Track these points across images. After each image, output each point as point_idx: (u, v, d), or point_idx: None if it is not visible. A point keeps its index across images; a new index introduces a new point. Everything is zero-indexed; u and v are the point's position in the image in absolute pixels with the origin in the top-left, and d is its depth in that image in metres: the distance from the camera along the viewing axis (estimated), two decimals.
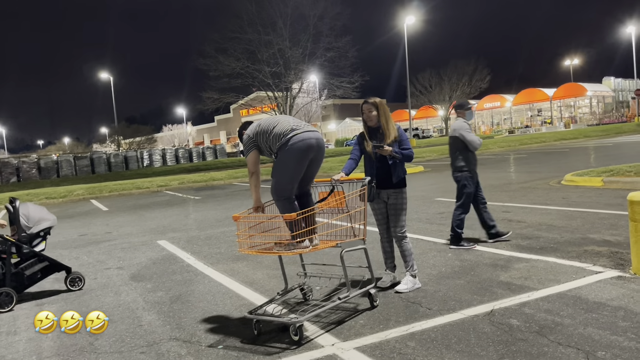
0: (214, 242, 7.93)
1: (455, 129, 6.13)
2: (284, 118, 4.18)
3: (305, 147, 3.97)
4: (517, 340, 3.36)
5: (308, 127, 4.09)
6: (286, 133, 3.99)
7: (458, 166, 6.13)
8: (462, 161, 6.10)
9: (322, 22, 34.12)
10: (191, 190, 20.01)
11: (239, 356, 3.52)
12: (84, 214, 14.17)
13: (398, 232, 4.68)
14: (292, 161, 3.99)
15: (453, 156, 6.20)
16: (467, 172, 6.10)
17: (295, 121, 4.12)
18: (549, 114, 62.44)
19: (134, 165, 42.95)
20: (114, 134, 63.09)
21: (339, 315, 4.13)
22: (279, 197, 4.04)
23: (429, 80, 63.10)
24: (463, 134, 6.05)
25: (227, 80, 33.62)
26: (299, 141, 3.95)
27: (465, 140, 6.04)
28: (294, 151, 3.96)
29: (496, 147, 29.23)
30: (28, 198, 19.75)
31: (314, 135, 4.04)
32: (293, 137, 3.96)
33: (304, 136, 3.97)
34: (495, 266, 5.18)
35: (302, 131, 3.99)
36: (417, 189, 12.51)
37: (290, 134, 3.98)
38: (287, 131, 3.99)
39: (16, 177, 37.10)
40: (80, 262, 7.28)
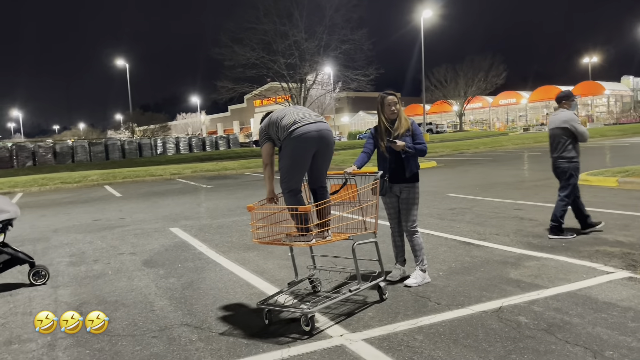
0: (226, 231, 8.01)
1: (566, 120, 6.18)
2: (293, 110, 4.13)
3: (304, 140, 3.92)
4: (525, 338, 3.38)
5: (312, 119, 3.98)
6: (288, 126, 3.95)
7: (568, 157, 6.17)
8: (573, 152, 6.16)
9: (338, 14, 34.02)
10: (204, 179, 20.15)
11: (249, 344, 3.57)
12: (98, 200, 14.34)
13: (409, 226, 4.70)
14: (292, 154, 3.98)
15: (560, 147, 6.23)
16: (577, 163, 6.17)
17: (302, 113, 4.05)
18: None
19: (148, 152, 43.24)
20: (128, 121, 63.49)
21: (347, 307, 4.17)
22: (283, 190, 4.07)
23: (444, 75, 62.69)
24: (575, 125, 6.11)
25: (241, 70, 33.73)
26: (299, 135, 3.91)
27: (577, 131, 6.10)
28: (294, 144, 3.94)
29: (510, 145, 29.03)
30: (44, 182, 20.04)
31: (315, 127, 3.94)
32: (294, 130, 3.93)
33: (304, 129, 3.91)
34: (505, 263, 5.19)
35: (303, 124, 3.93)
36: (429, 184, 12.49)
37: (292, 127, 3.94)
38: (290, 124, 3.96)
39: (32, 161, 37.54)
40: (94, 246, 7.40)
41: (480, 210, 8.45)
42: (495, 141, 31.85)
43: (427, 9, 40.55)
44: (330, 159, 4.23)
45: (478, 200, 9.59)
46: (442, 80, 62.98)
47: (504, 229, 6.85)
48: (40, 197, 16.34)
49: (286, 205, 4.04)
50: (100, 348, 3.65)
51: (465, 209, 8.66)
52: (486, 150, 26.89)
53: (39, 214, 11.79)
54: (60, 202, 14.47)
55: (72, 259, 6.66)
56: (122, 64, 53.77)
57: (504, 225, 7.06)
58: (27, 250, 7.31)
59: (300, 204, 4.00)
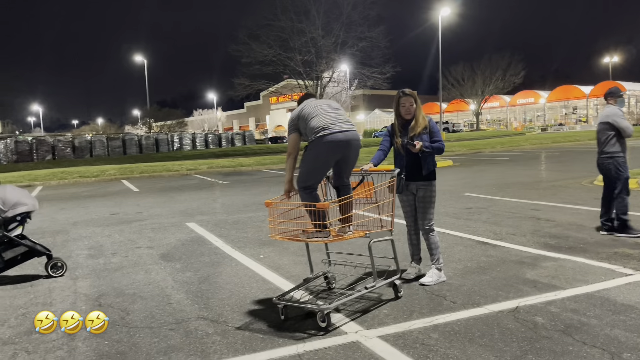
0: (241, 226, 8.06)
1: (608, 115, 6.20)
2: (324, 109, 4.11)
3: (331, 148, 3.97)
4: (542, 338, 3.36)
5: (342, 127, 4.00)
6: (318, 130, 3.98)
7: (610, 151, 6.20)
8: (618, 147, 6.18)
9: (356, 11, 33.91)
10: (219, 174, 20.27)
11: (264, 338, 3.60)
12: (116, 194, 14.52)
13: (426, 225, 4.69)
14: (316, 159, 4.04)
15: (603, 142, 6.26)
16: (622, 158, 6.18)
17: (332, 117, 4.04)
18: (585, 112, 60.89)
19: (165, 148, 43.60)
20: (145, 117, 64.03)
21: (363, 304, 4.18)
22: (299, 186, 4.11)
23: (461, 74, 62.19)
24: (617, 120, 6.12)
25: (258, 67, 33.80)
26: (327, 142, 3.95)
27: (619, 126, 6.11)
28: (319, 150, 3.99)
29: (528, 144, 28.74)
30: (63, 175, 20.33)
31: (344, 137, 3.97)
32: (323, 136, 3.96)
33: (333, 138, 3.95)
34: (522, 263, 5.15)
35: (333, 131, 3.95)
36: (445, 183, 12.43)
37: (321, 132, 3.97)
38: (319, 128, 3.98)
39: (51, 155, 38.09)
40: (112, 240, 7.50)
41: (496, 210, 8.40)
42: (512, 141, 31.55)
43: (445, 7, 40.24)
44: (355, 162, 4.27)
45: (494, 200, 9.52)
46: (459, 79, 62.48)
47: (520, 229, 6.80)
48: (59, 191, 16.59)
49: (301, 201, 4.07)
50: (118, 339, 3.71)
51: (482, 208, 8.61)
52: (503, 150, 26.66)
53: (58, 207, 11.97)
54: (78, 195, 14.68)
55: (91, 251, 6.76)
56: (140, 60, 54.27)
57: (520, 226, 7.01)
58: (47, 242, 7.45)
59: (315, 201, 4.02)
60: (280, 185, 14.55)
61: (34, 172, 23.22)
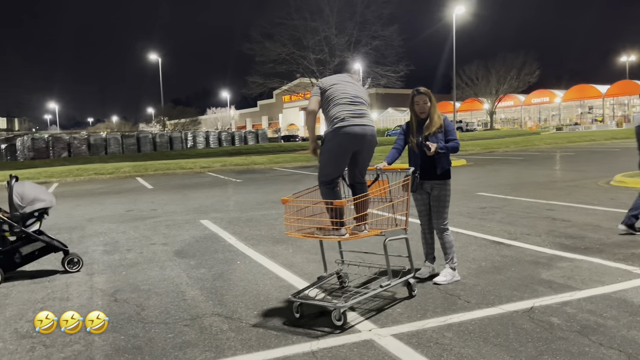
0: (255, 224, 8.10)
1: None
2: (346, 98, 4.09)
3: (347, 140, 3.99)
4: (557, 339, 3.33)
5: (360, 122, 4.01)
6: (336, 120, 4.00)
7: None
8: None
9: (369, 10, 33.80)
10: (233, 172, 20.37)
11: (278, 335, 3.62)
12: (130, 191, 14.65)
13: (440, 224, 4.67)
14: (333, 150, 4.05)
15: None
16: None
17: (352, 110, 4.05)
18: (601, 111, 60.14)
19: (178, 146, 43.90)
20: (159, 115, 64.52)
21: (376, 303, 4.18)
22: (319, 182, 4.13)
23: (475, 73, 61.66)
24: None
25: (272, 66, 33.85)
26: (344, 133, 3.97)
27: None
28: (336, 141, 4.01)
29: (542, 144, 28.48)
30: (78, 172, 20.57)
31: (361, 130, 3.99)
32: (340, 127, 3.98)
33: (349, 130, 3.97)
34: (537, 264, 5.11)
35: (350, 124, 3.97)
36: (459, 182, 12.36)
37: (339, 123, 3.99)
38: (338, 119, 4.00)
39: (67, 153, 38.58)
40: (127, 236, 7.58)
41: (511, 209, 8.34)
42: (526, 140, 31.28)
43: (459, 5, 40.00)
44: (371, 158, 4.26)
45: (509, 199, 9.45)
46: (473, 78, 61.96)
47: (535, 229, 6.75)
48: (75, 187, 16.78)
49: (322, 198, 4.07)
50: (134, 334, 3.75)
51: (496, 208, 8.55)
52: (517, 150, 26.44)
53: (74, 203, 12.12)
54: (94, 192, 14.84)
55: (107, 247, 6.84)
56: (154, 59, 54.65)
57: (535, 225, 6.95)
58: (63, 238, 7.54)
59: (335, 197, 4.03)
60: (293, 183, 14.61)
61: (50, 169, 23.52)
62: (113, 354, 3.43)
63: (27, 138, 40.68)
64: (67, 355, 3.45)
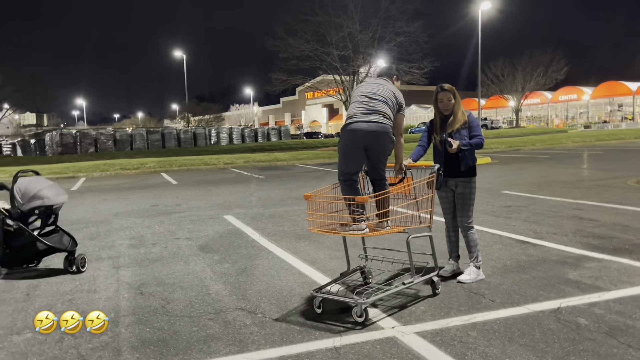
0: (278, 220, 8.13)
1: None
2: (361, 97, 4.16)
3: (352, 137, 4.05)
4: (585, 340, 3.27)
5: (367, 117, 4.03)
6: (346, 119, 4.15)
7: None
8: None
9: (394, 6, 33.52)
10: (255, 169, 20.49)
11: (301, 331, 3.64)
12: (155, 186, 14.86)
13: (465, 222, 4.63)
14: (341, 147, 4.15)
15: None
16: None
17: (362, 106, 4.09)
18: (631, 109, 58.67)
19: (202, 142, 44.31)
20: (184, 111, 65.21)
21: (399, 300, 4.16)
22: (339, 179, 4.17)
23: (501, 69, 60.68)
24: None
25: (295, 62, 33.84)
26: (349, 130, 4.06)
27: None
28: (343, 138, 4.14)
29: (570, 142, 27.94)
30: (104, 168, 20.93)
31: (366, 126, 3.99)
32: (347, 125, 4.09)
33: (354, 127, 4.03)
34: (563, 263, 5.03)
35: (357, 120, 4.04)
36: (484, 180, 12.21)
37: (348, 121, 4.11)
38: (348, 117, 4.13)
39: (94, 148, 39.28)
40: (152, 230, 7.69)
41: (536, 208, 8.21)
42: (553, 138, 30.72)
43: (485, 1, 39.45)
44: (383, 154, 4.19)
45: (534, 198, 9.30)
46: (498, 75, 60.99)
47: (562, 228, 6.63)
48: (101, 182, 17.09)
49: (342, 194, 4.08)
50: (160, 327, 3.81)
51: (521, 207, 8.43)
52: (543, 148, 25.99)
53: (100, 198, 12.34)
54: (120, 187, 15.09)
55: (132, 241, 6.95)
56: (179, 55, 55.21)
57: (562, 225, 6.83)
58: (90, 232, 7.71)
59: (355, 193, 4.03)
60: (316, 180, 14.64)
61: (77, 164, 23.98)
62: (139, 346, 3.49)
63: (55, 133, 41.57)
64: (95, 346, 3.52)
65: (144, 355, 3.34)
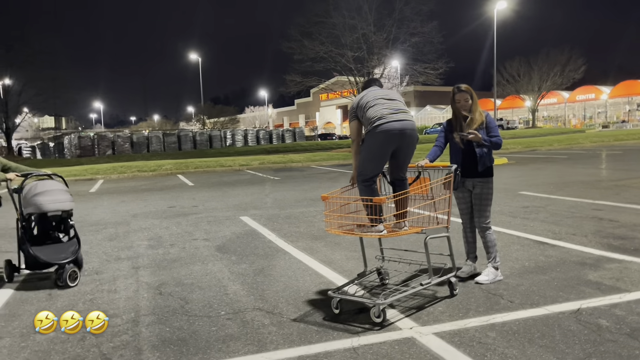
0: (294, 221, 8.16)
1: None
2: (381, 100, 4.11)
3: (386, 138, 3.96)
4: (606, 341, 3.24)
5: (397, 117, 4.00)
6: (374, 120, 4.00)
7: None
8: None
9: (408, 7, 33.42)
10: (270, 170, 20.56)
11: (319, 331, 3.65)
12: (172, 188, 14.99)
13: (482, 222, 4.60)
14: (372, 148, 4.03)
15: None
16: None
17: (389, 106, 4.05)
18: None
19: (218, 144, 44.60)
20: (199, 114, 65.72)
21: (417, 301, 4.15)
22: (358, 180, 4.12)
23: (517, 69, 60.11)
24: None
25: (310, 64, 33.88)
26: (382, 131, 3.95)
27: None
28: (374, 139, 3.99)
29: (587, 142, 27.58)
30: (122, 170, 21.17)
31: (399, 125, 3.96)
32: (379, 125, 3.97)
33: (387, 127, 3.95)
34: (583, 264, 4.97)
35: (388, 120, 3.96)
36: (500, 181, 12.11)
37: (376, 122, 3.98)
38: (375, 118, 4.00)
39: (111, 150, 39.78)
40: (170, 231, 7.76)
41: (555, 209, 8.12)
42: (570, 138, 30.36)
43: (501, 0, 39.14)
44: (412, 154, 4.22)
45: (552, 198, 9.21)
46: (514, 75, 60.43)
47: (581, 229, 6.56)
48: (119, 184, 17.29)
49: (360, 195, 4.08)
50: (179, 326, 3.85)
51: (539, 207, 8.35)
52: (561, 148, 25.69)
53: (119, 199, 12.49)
54: (137, 189, 15.25)
55: (151, 242, 7.03)
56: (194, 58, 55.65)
57: (581, 225, 6.75)
58: (109, 233, 7.81)
59: (373, 194, 4.03)
60: (331, 181, 14.64)
61: (95, 166, 24.30)
62: (159, 345, 3.53)
63: (74, 136, 42.17)
64: (116, 345, 3.58)
65: (164, 355, 3.38)
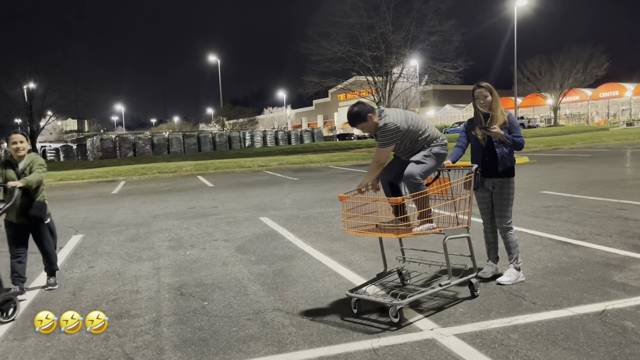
0: (313, 222, 8.16)
1: None
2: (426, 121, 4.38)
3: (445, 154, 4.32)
4: (632, 343, 3.17)
5: None
6: (442, 138, 4.29)
7: None
8: None
9: (427, 5, 33.23)
10: (289, 171, 20.61)
11: (339, 332, 3.64)
12: (192, 189, 15.13)
13: (503, 223, 4.55)
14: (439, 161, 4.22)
15: None
16: None
17: None
18: None
19: (237, 145, 44.88)
20: (219, 115, 66.22)
21: (437, 302, 4.12)
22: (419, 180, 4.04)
23: (538, 67, 59.25)
24: None
25: (328, 65, 33.89)
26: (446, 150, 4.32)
27: None
28: (442, 153, 4.26)
29: (611, 140, 27.05)
30: (143, 171, 21.43)
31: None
32: (445, 145, 4.28)
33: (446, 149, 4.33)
34: (608, 265, 4.88)
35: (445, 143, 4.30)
36: (522, 180, 11.96)
37: (443, 142, 4.27)
38: (439, 136, 4.28)
39: (132, 152, 40.32)
40: (191, 232, 7.83)
41: (578, 208, 7.99)
42: (594, 137, 29.83)
43: None
44: None
45: (575, 198, 9.06)
46: (535, 72, 59.56)
47: (605, 229, 6.43)
48: (140, 185, 17.51)
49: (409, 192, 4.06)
50: (200, 327, 3.88)
51: (562, 207, 8.22)
52: (584, 147, 25.25)
53: (140, 200, 12.65)
54: (158, 190, 15.42)
55: (171, 243, 7.10)
56: (213, 60, 56.10)
57: (605, 226, 6.63)
58: (131, 234, 7.90)
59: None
60: (349, 181, 14.62)
61: (117, 167, 24.63)
62: (181, 345, 3.57)
63: (96, 139, 42.85)
64: (139, 344, 3.62)
65: (185, 354, 3.41)
